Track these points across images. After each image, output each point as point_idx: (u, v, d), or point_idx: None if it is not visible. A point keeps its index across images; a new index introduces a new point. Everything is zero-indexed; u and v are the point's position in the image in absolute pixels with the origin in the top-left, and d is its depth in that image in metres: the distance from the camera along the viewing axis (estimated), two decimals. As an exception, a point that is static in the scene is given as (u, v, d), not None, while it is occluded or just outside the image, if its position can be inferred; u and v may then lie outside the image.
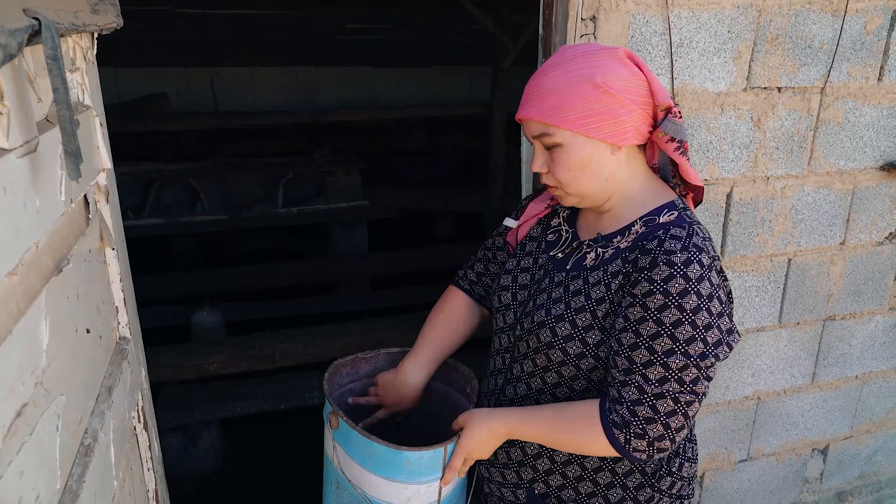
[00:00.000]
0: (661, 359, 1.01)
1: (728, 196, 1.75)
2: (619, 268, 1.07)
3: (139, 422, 1.09)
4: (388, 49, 7.25)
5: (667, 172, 1.20)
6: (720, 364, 1.92)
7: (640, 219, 1.10)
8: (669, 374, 1.01)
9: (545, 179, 1.14)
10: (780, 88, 1.70)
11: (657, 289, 1.01)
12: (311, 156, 6.19)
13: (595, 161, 1.08)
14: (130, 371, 1.03)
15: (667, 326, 1.01)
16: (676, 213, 1.09)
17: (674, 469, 1.18)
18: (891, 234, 1.98)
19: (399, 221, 6.18)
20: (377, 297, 4.77)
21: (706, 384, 1.03)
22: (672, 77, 1.59)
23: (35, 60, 0.67)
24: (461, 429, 1.17)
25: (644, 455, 1.05)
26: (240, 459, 3.17)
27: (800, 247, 1.88)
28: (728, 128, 1.69)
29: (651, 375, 1.02)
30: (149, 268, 4.40)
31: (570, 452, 1.15)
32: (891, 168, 1.87)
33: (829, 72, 1.72)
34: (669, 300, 1.00)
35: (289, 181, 5.66)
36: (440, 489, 1.18)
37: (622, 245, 1.10)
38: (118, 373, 0.93)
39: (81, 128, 0.79)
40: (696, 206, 1.22)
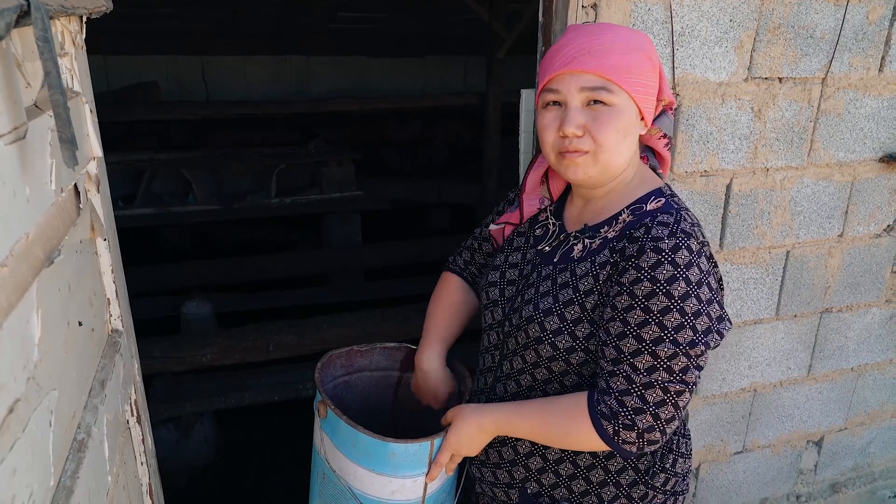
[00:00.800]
0: (649, 347, 0.99)
1: (728, 188, 1.74)
2: (607, 258, 1.05)
3: (132, 415, 1.07)
4: (382, 38, 7.20)
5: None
6: (716, 356, 1.92)
7: (628, 207, 1.08)
8: (658, 363, 0.99)
9: (576, 143, 1.03)
10: (782, 79, 1.69)
11: (644, 276, 0.98)
12: (305, 146, 6.15)
13: (633, 132, 1.06)
14: (123, 364, 1.01)
15: (654, 314, 0.98)
16: (664, 200, 1.07)
17: (667, 465, 1.15)
18: (889, 227, 1.98)
19: (393, 212, 6.15)
20: (371, 289, 4.76)
21: (696, 374, 1.01)
22: (673, 66, 1.57)
23: (23, 43, 0.64)
24: (450, 424, 1.15)
25: (634, 447, 1.02)
26: (233, 451, 3.15)
27: (798, 239, 1.87)
28: (728, 118, 1.67)
29: (639, 364, 0.99)
30: (139, 259, 4.37)
31: (562, 448, 1.12)
32: (890, 160, 1.87)
33: (831, 62, 1.71)
34: (657, 287, 0.97)
35: (281, 171, 5.62)
36: (426, 485, 1.16)
37: (609, 235, 1.07)
38: (111, 366, 0.92)
39: (71, 114, 0.77)
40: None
